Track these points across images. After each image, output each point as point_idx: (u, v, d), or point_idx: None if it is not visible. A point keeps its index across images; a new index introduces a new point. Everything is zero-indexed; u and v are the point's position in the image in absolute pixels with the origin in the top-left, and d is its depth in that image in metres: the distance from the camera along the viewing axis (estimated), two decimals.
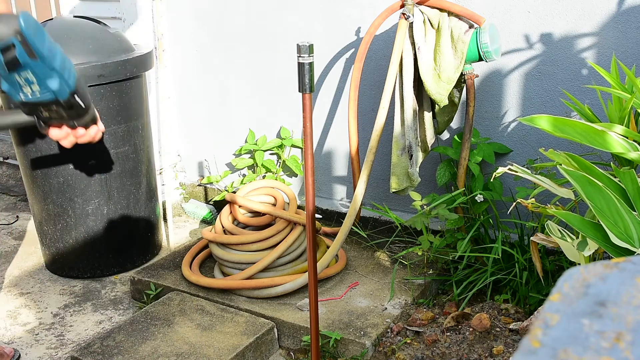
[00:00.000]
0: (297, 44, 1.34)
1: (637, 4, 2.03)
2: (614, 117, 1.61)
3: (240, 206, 2.37)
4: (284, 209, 2.34)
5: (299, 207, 2.67)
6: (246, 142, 2.90)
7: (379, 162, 2.57)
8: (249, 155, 2.90)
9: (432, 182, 2.51)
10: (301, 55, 1.33)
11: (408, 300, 2.14)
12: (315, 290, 1.53)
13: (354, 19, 2.51)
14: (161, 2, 2.64)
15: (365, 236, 2.48)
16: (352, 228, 2.25)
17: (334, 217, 2.76)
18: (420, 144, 2.33)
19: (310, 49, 1.33)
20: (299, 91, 1.36)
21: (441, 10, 2.15)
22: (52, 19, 2.46)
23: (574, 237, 1.54)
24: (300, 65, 1.33)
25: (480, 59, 2.11)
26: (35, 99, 1.13)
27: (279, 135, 2.84)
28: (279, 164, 2.86)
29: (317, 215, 2.75)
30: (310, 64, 1.34)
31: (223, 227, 2.34)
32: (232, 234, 2.30)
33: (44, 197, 2.43)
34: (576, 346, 0.38)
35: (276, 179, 2.76)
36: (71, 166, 2.37)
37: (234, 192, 2.47)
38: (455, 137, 2.33)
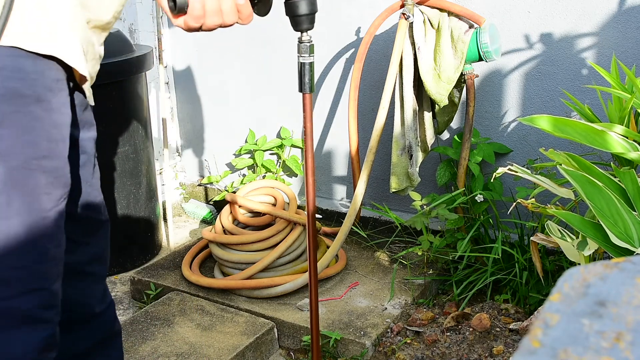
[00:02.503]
0: (298, 44, 1.33)
1: (637, 4, 2.03)
2: (614, 117, 1.61)
3: (240, 206, 2.37)
4: (284, 209, 2.34)
5: (298, 207, 2.67)
6: (246, 142, 2.90)
7: (379, 162, 2.57)
8: (249, 155, 2.90)
9: (432, 182, 2.51)
10: (302, 55, 1.33)
11: (408, 300, 2.14)
12: (315, 290, 1.53)
13: (354, 19, 2.51)
14: None
15: (365, 236, 2.48)
16: (352, 228, 2.25)
17: (334, 217, 2.76)
18: (420, 144, 2.33)
19: (311, 48, 1.32)
20: (299, 91, 1.36)
21: (441, 10, 2.15)
22: None
23: (574, 237, 1.54)
24: (301, 65, 1.33)
25: (480, 59, 2.11)
26: None
27: (279, 135, 2.84)
28: (279, 164, 2.86)
29: (317, 215, 2.75)
30: (311, 64, 1.34)
31: (223, 227, 2.34)
32: (232, 234, 2.30)
33: None
34: (576, 346, 0.38)
35: (276, 179, 2.76)
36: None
37: (234, 192, 2.47)
38: (455, 137, 2.33)
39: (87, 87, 1.09)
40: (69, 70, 1.02)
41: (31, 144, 0.96)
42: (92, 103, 1.14)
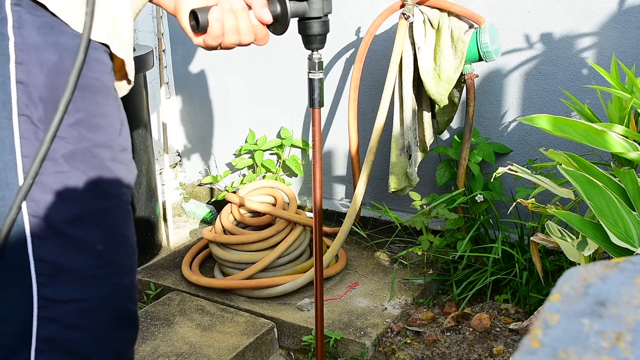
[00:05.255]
0: (308, 61, 1.34)
1: (637, 4, 2.03)
2: (614, 117, 1.61)
3: (241, 206, 2.37)
4: (283, 209, 2.34)
5: (298, 207, 2.67)
6: (246, 142, 2.90)
7: (379, 162, 2.57)
8: (249, 155, 2.90)
9: (432, 182, 2.51)
10: (311, 72, 1.33)
11: (408, 300, 2.14)
12: (320, 289, 1.53)
13: (354, 19, 2.51)
14: None
15: (365, 236, 2.49)
16: (352, 228, 2.25)
17: (334, 217, 2.77)
18: (419, 143, 2.33)
19: (320, 65, 1.33)
20: (309, 106, 1.37)
21: (441, 10, 2.15)
22: None
23: (574, 237, 1.54)
24: (310, 81, 1.34)
25: (480, 59, 2.11)
26: None
27: (279, 135, 2.84)
28: (278, 164, 2.86)
29: None
30: (320, 80, 1.34)
31: (223, 227, 2.34)
32: (232, 234, 2.30)
33: None
34: (576, 346, 0.38)
35: (276, 179, 2.76)
36: None
37: (234, 192, 2.47)
38: (455, 137, 2.33)
39: (126, 88, 1.13)
40: None
41: (116, 136, 0.98)
42: None
